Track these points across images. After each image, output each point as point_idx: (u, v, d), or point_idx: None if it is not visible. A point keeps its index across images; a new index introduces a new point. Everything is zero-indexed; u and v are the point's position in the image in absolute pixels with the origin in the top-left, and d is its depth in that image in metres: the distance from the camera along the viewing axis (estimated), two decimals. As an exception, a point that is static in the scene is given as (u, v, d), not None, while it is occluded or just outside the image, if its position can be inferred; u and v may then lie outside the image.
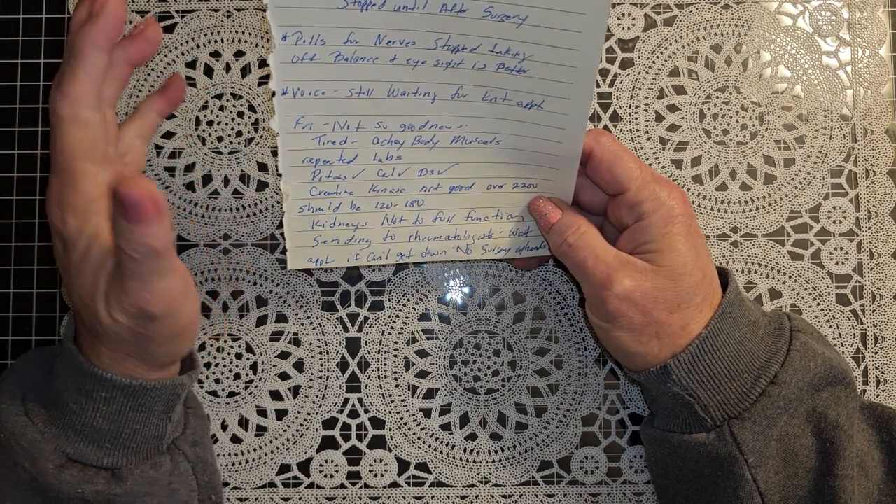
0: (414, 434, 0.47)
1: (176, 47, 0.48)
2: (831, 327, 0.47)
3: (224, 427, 0.47)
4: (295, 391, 0.47)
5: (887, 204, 0.47)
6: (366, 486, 0.47)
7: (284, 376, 0.47)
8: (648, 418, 0.44)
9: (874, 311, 0.47)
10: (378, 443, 0.47)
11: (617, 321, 0.39)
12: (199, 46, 0.48)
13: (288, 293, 0.47)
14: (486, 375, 0.47)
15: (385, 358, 0.47)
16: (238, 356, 0.47)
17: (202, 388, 0.47)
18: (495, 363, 0.47)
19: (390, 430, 0.47)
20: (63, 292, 0.47)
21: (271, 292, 0.47)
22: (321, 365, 0.47)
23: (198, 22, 0.48)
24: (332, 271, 0.47)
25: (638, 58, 0.48)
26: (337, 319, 0.47)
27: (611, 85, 0.48)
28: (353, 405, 0.47)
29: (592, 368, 0.47)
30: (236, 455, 0.47)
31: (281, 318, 0.47)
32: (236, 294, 0.47)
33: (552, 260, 0.48)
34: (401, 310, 0.47)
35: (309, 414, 0.47)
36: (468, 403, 0.47)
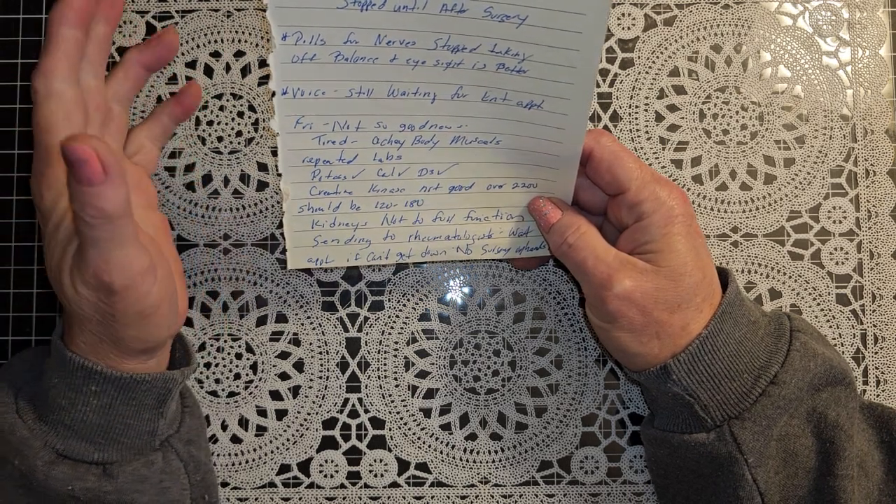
0: (414, 434, 0.47)
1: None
2: (831, 327, 0.47)
3: (224, 427, 0.47)
4: (295, 391, 0.47)
5: (887, 204, 0.47)
6: (366, 486, 0.47)
7: (284, 376, 0.47)
8: (648, 418, 0.44)
9: (874, 311, 0.47)
10: (378, 443, 0.47)
11: (617, 321, 0.39)
12: (199, 46, 0.48)
13: (288, 293, 0.47)
14: (486, 375, 0.47)
15: (385, 358, 0.47)
16: (238, 356, 0.47)
17: (202, 388, 0.47)
18: (495, 363, 0.47)
19: (390, 430, 0.47)
20: None
21: (271, 292, 0.47)
22: (321, 365, 0.47)
23: (198, 22, 0.48)
24: (332, 271, 0.47)
25: (638, 58, 0.48)
26: (337, 319, 0.47)
27: (611, 85, 0.48)
28: (353, 405, 0.47)
29: (592, 368, 0.47)
30: (236, 455, 0.47)
31: (281, 318, 0.47)
32: (236, 294, 0.47)
33: (552, 260, 0.48)
34: (401, 310, 0.47)
35: (309, 414, 0.47)
36: (468, 403, 0.47)
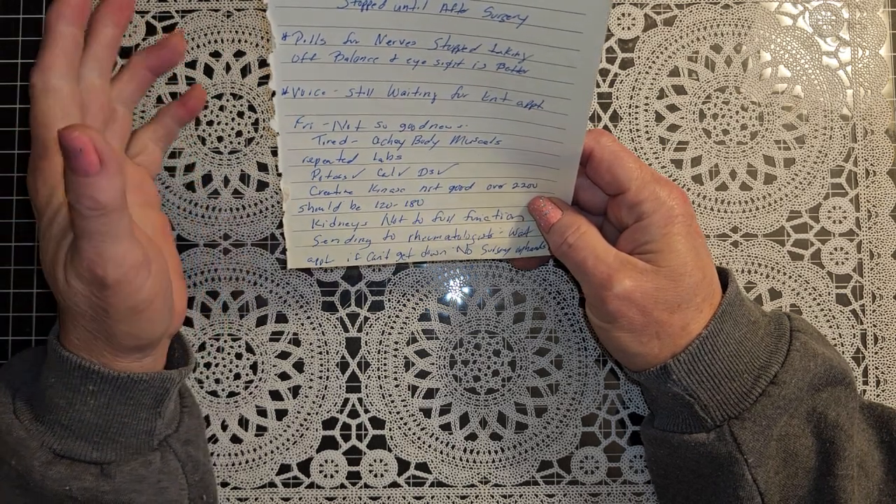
0: (414, 434, 0.47)
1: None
2: (831, 327, 0.47)
3: (224, 427, 0.47)
4: (295, 391, 0.47)
5: (887, 204, 0.47)
6: (366, 486, 0.47)
7: (284, 376, 0.47)
8: (648, 418, 0.44)
9: (874, 311, 0.47)
10: (378, 443, 0.47)
11: (617, 321, 0.39)
12: (199, 46, 0.48)
13: (288, 293, 0.47)
14: (486, 375, 0.47)
15: (385, 358, 0.47)
16: (238, 356, 0.47)
17: (202, 388, 0.47)
18: (495, 363, 0.47)
19: (390, 430, 0.47)
20: None
21: (271, 292, 0.47)
22: (321, 365, 0.47)
23: (198, 22, 0.48)
24: (332, 271, 0.47)
25: (638, 58, 0.48)
26: (337, 319, 0.47)
27: (611, 85, 0.48)
28: (353, 405, 0.47)
29: (592, 368, 0.47)
30: (236, 455, 0.47)
31: (281, 318, 0.47)
32: (236, 294, 0.47)
33: (552, 260, 0.48)
34: (401, 310, 0.47)
35: (309, 414, 0.47)
36: (468, 403, 0.47)
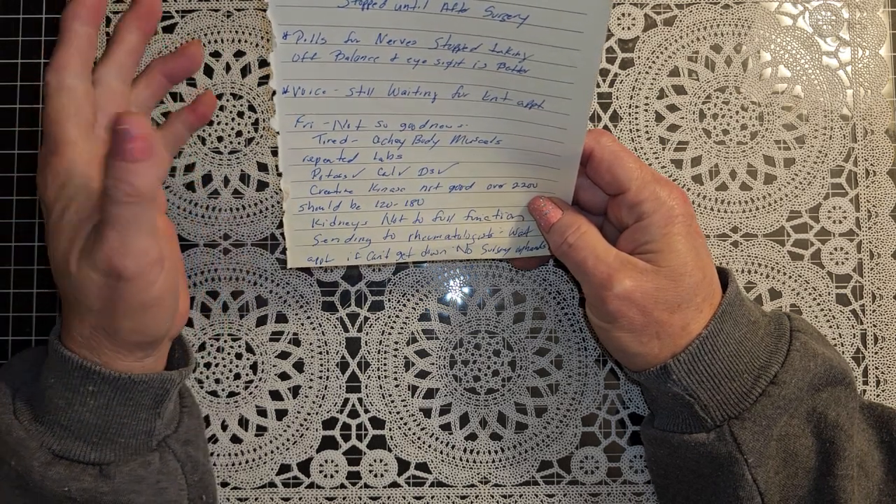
0: (414, 434, 0.47)
1: (176, 47, 0.48)
2: (831, 327, 0.47)
3: (224, 427, 0.47)
4: (295, 391, 0.47)
5: (887, 204, 0.47)
6: (366, 486, 0.47)
7: (284, 376, 0.47)
8: (648, 418, 0.44)
9: (874, 311, 0.47)
10: (378, 443, 0.47)
11: (617, 321, 0.39)
12: (200, 46, 0.48)
13: (288, 293, 0.47)
14: (486, 375, 0.47)
15: (385, 358, 0.47)
16: (238, 356, 0.47)
17: (202, 388, 0.47)
18: (495, 363, 0.47)
19: (390, 430, 0.47)
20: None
21: (271, 292, 0.47)
22: (321, 365, 0.47)
23: (198, 22, 0.48)
24: (332, 271, 0.47)
25: (638, 58, 0.48)
26: (337, 319, 0.47)
27: (611, 85, 0.48)
28: (353, 405, 0.47)
29: (592, 368, 0.47)
30: (236, 455, 0.47)
31: (281, 318, 0.47)
32: (236, 294, 0.47)
33: (552, 260, 0.48)
34: (401, 310, 0.47)
35: (309, 414, 0.47)
36: (468, 403, 0.47)
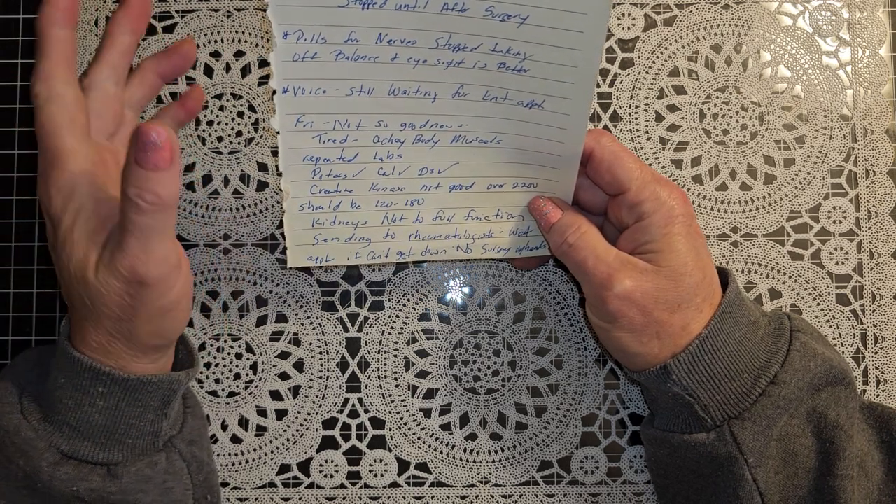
0: (414, 434, 0.47)
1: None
2: (831, 327, 0.47)
3: (224, 427, 0.47)
4: (295, 391, 0.47)
5: (887, 204, 0.47)
6: (366, 486, 0.47)
7: (284, 376, 0.47)
8: (648, 418, 0.44)
9: (874, 311, 0.47)
10: (378, 443, 0.47)
11: (617, 321, 0.38)
12: (199, 46, 0.48)
13: (288, 293, 0.47)
14: (486, 375, 0.47)
15: (385, 358, 0.47)
16: (238, 356, 0.47)
17: (202, 388, 0.47)
18: (495, 363, 0.47)
19: (390, 430, 0.47)
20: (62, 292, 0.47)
21: (271, 292, 0.47)
22: (321, 365, 0.47)
23: (198, 22, 0.48)
24: (332, 271, 0.47)
25: (638, 58, 0.48)
26: (337, 319, 0.47)
27: (611, 85, 0.48)
28: (353, 405, 0.47)
29: (592, 368, 0.47)
30: (236, 455, 0.47)
31: (281, 318, 0.47)
32: (236, 294, 0.47)
33: (552, 260, 0.48)
34: (401, 310, 0.47)
35: (309, 414, 0.47)
36: (468, 403, 0.47)
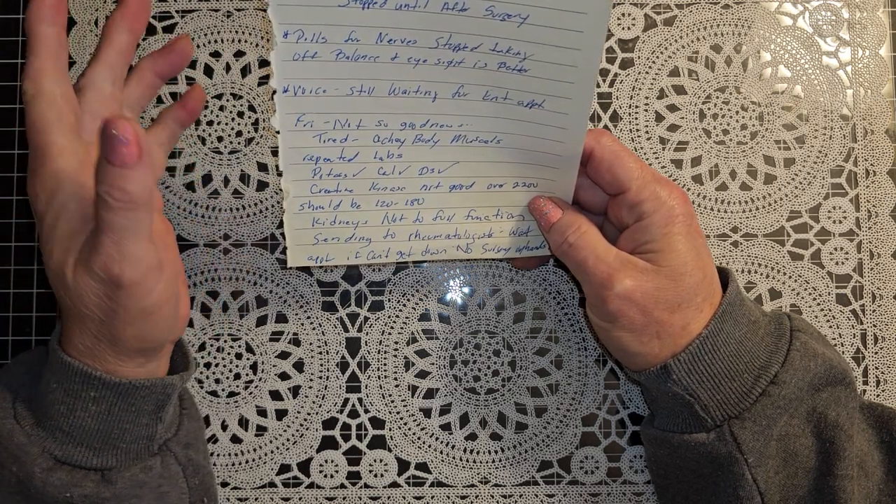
0: (414, 434, 0.47)
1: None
2: (831, 327, 0.47)
3: (224, 427, 0.47)
4: (295, 391, 0.47)
5: (887, 204, 0.47)
6: (366, 486, 0.47)
7: (284, 376, 0.47)
8: (648, 418, 0.44)
9: (874, 311, 0.47)
10: (378, 443, 0.47)
11: (618, 321, 0.38)
12: (199, 46, 0.48)
13: (288, 293, 0.47)
14: (486, 375, 0.47)
15: (385, 358, 0.47)
16: (238, 356, 0.47)
17: (202, 388, 0.47)
18: (495, 363, 0.47)
19: (390, 430, 0.47)
20: None
21: (271, 292, 0.47)
22: (321, 365, 0.47)
23: (198, 22, 0.48)
24: (332, 271, 0.47)
25: (638, 58, 0.48)
26: (337, 319, 0.47)
27: (611, 85, 0.48)
28: (353, 405, 0.47)
29: (592, 368, 0.47)
30: (236, 455, 0.47)
31: (281, 318, 0.47)
32: (236, 294, 0.47)
33: (552, 260, 0.48)
34: (401, 310, 0.47)
35: (309, 414, 0.47)
36: (468, 403, 0.47)
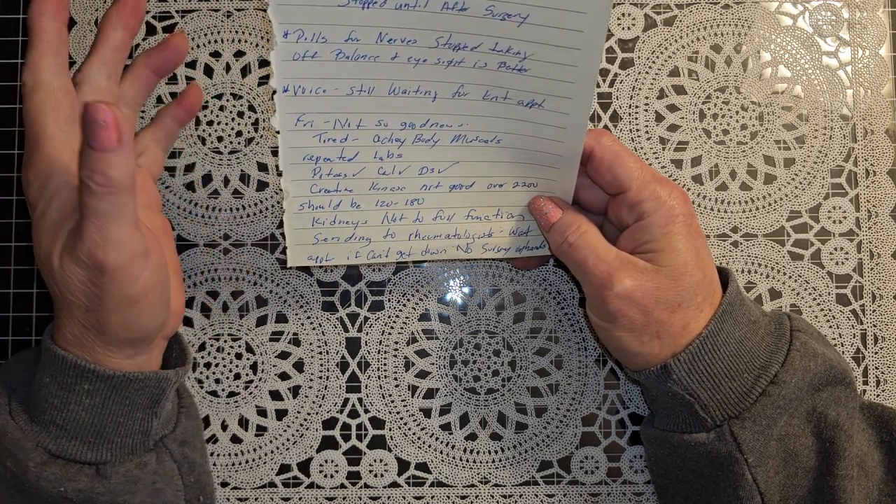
0: (414, 434, 0.47)
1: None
2: (831, 327, 0.47)
3: (224, 427, 0.47)
4: (295, 391, 0.47)
5: (887, 204, 0.47)
6: (366, 486, 0.47)
7: (284, 376, 0.47)
8: (648, 418, 0.44)
9: (874, 311, 0.47)
10: (378, 443, 0.47)
11: (618, 321, 0.38)
12: (199, 46, 0.48)
13: (288, 293, 0.47)
14: (486, 375, 0.47)
15: (385, 358, 0.47)
16: (238, 356, 0.47)
17: (202, 388, 0.47)
18: (495, 363, 0.47)
19: (390, 430, 0.47)
20: None
21: (271, 292, 0.47)
22: (321, 365, 0.47)
23: (198, 22, 0.48)
24: (332, 271, 0.47)
25: (638, 58, 0.48)
26: (337, 319, 0.47)
27: (611, 85, 0.48)
28: (353, 405, 0.47)
29: (592, 368, 0.47)
30: (236, 455, 0.47)
31: (281, 318, 0.47)
32: (236, 294, 0.47)
33: (552, 260, 0.48)
34: (401, 310, 0.47)
35: (309, 414, 0.47)
36: (468, 403, 0.47)
